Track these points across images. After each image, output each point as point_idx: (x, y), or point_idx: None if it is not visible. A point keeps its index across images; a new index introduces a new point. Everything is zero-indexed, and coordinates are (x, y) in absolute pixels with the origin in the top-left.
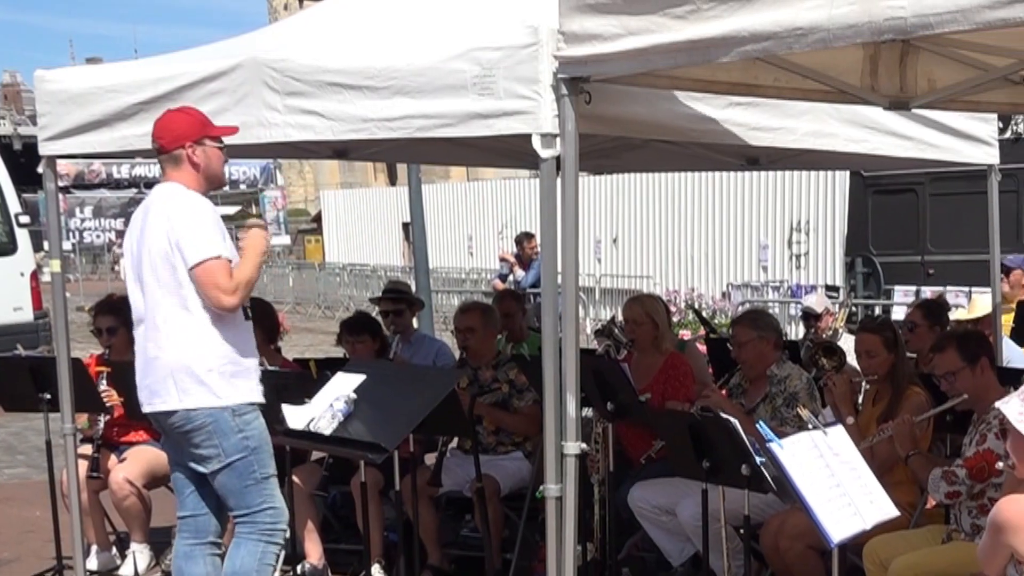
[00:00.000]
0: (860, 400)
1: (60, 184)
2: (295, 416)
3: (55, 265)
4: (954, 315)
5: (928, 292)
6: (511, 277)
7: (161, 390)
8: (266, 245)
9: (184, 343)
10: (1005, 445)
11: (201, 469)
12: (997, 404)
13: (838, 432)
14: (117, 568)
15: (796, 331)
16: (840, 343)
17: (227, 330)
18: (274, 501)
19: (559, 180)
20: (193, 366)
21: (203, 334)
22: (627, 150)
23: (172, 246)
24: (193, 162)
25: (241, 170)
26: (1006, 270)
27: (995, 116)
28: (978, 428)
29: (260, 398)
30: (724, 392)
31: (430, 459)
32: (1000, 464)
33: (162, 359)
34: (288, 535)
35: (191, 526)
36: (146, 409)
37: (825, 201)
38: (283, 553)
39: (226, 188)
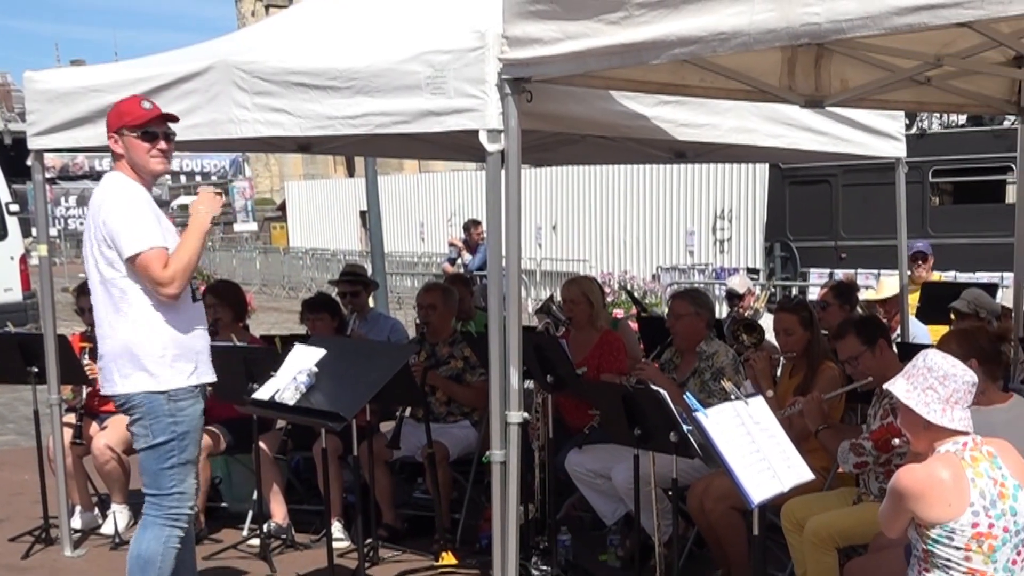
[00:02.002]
0: (778, 374)
1: (47, 176)
2: (262, 388)
3: (42, 250)
4: (863, 295)
5: (840, 274)
6: (459, 260)
7: (107, 374)
8: (210, 216)
9: (125, 329)
10: (897, 422)
11: (136, 446)
12: (885, 386)
13: (758, 402)
14: (99, 527)
15: (720, 310)
16: (760, 322)
17: (169, 313)
18: (183, 487)
19: (503, 172)
20: (135, 351)
21: (144, 319)
22: (565, 144)
23: (107, 236)
24: (115, 152)
25: (212, 163)
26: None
27: (902, 113)
28: (881, 403)
29: (204, 379)
30: (656, 365)
31: (385, 427)
32: (897, 441)
33: (106, 344)
34: (257, 506)
35: None
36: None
37: (746, 191)
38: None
39: (198, 179)
